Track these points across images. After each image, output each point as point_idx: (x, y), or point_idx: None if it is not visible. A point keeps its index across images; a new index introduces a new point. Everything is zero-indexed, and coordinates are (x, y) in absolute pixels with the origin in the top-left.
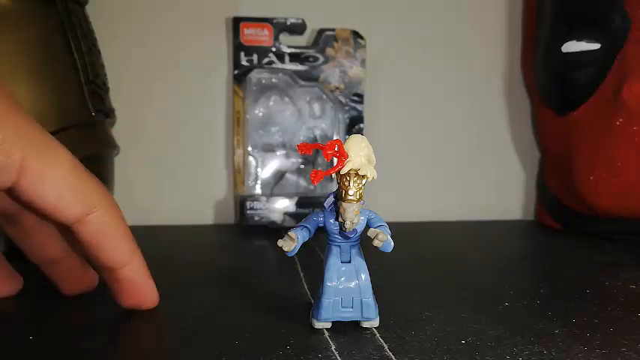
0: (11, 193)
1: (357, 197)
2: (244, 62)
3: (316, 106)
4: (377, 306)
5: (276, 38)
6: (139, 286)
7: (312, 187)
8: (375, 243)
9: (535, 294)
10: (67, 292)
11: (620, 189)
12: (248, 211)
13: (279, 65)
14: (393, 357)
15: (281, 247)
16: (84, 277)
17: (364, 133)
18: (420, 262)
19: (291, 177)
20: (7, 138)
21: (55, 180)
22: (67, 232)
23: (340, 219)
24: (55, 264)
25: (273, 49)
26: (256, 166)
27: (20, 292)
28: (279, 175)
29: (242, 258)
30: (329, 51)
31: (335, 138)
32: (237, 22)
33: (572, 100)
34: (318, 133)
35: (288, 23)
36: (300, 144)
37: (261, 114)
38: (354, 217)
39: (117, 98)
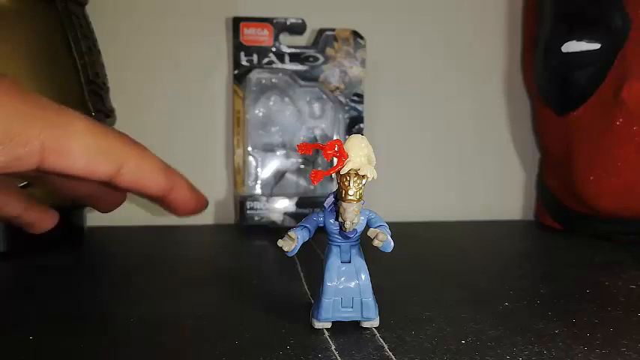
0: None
1: (357, 197)
2: (244, 62)
3: (316, 106)
4: (377, 306)
5: (276, 38)
6: (187, 200)
7: (312, 187)
8: (375, 243)
9: (535, 294)
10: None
11: (620, 189)
12: (248, 211)
13: (279, 65)
14: (393, 357)
15: (281, 247)
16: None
17: (364, 133)
18: (420, 262)
19: (291, 177)
20: (20, 129)
21: (78, 150)
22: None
23: (340, 219)
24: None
25: (273, 49)
26: (256, 166)
27: (20, 292)
28: (279, 175)
29: (242, 258)
30: (329, 51)
31: (335, 138)
32: (237, 22)
33: (572, 100)
34: (318, 133)
35: (288, 23)
36: (300, 144)
37: (261, 114)
38: (354, 217)
39: (117, 98)
